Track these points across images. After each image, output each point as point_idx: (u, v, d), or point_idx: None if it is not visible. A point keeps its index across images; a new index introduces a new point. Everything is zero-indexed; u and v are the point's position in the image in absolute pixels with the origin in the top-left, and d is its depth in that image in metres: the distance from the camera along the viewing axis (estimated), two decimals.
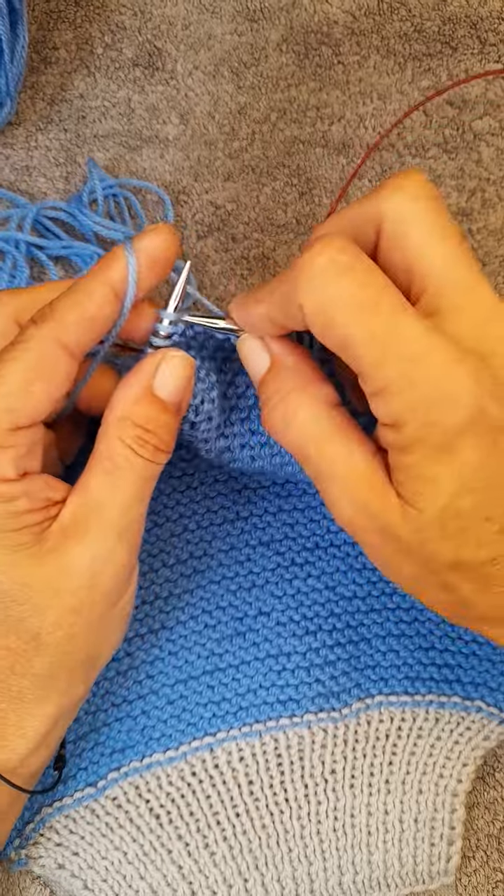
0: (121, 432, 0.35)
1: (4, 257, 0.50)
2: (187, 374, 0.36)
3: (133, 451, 0.35)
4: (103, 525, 0.35)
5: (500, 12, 0.56)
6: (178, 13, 0.55)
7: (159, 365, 0.36)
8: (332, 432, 0.34)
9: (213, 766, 0.43)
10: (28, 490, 0.34)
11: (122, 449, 0.35)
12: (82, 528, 0.35)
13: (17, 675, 0.35)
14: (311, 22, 0.55)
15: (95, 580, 0.35)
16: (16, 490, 0.34)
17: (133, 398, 0.35)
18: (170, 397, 0.36)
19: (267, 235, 0.53)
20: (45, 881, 0.44)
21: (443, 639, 0.45)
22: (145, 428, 0.35)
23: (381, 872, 0.43)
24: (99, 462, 0.35)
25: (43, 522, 0.35)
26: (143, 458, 0.35)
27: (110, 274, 0.34)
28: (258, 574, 0.45)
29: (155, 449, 0.36)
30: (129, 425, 0.35)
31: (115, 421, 0.35)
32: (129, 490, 0.35)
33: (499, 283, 0.52)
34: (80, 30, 0.54)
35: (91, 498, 0.35)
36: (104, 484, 0.35)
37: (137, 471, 0.35)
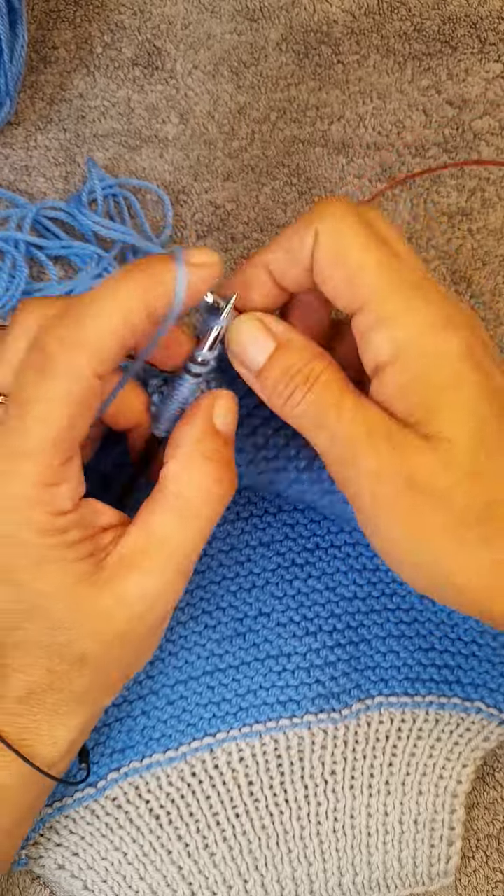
0: (195, 468, 0.35)
1: (4, 257, 0.50)
2: (236, 410, 0.36)
3: (207, 489, 0.35)
4: (167, 561, 0.35)
5: (500, 12, 0.56)
6: (178, 12, 0.55)
7: (215, 403, 0.36)
8: (352, 393, 0.34)
9: (213, 767, 0.43)
10: (80, 519, 0.34)
11: (194, 487, 0.35)
12: (143, 562, 0.35)
13: (55, 692, 0.35)
14: (310, 21, 0.55)
15: (149, 612, 0.35)
16: (70, 521, 0.34)
17: (201, 435, 0.35)
18: (228, 433, 0.36)
19: (267, 235, 0.52)
20: (45, 881, 0.44)
21: (443, 640, 0.45)
22: (220, 463, 0.35)
23: (380, 873, 0.43)
24: (166, 498, 0.35)
25: (96, 552, 0.34)
26: (219, 493, 0.35)
27: (152, 300, 0.32)
28: (258, 574, 0.45)
29: (229, 484, 0.36)
30: (204, 462, 0.35)
31: (187, 456, 0.35)
32: (199, 530, 0.35)
33: (499, 283, 0.52)
34: (79, 29, 0.54)
35: (155, 533, 0.35)
36: (173, 521, 0.35)
37: (210, 509, 0.35)
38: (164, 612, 0.36)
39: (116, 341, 0.32)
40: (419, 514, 0.33)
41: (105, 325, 0.32)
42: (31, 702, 0.35)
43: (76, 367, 0.32)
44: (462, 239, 0.53)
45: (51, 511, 0.33)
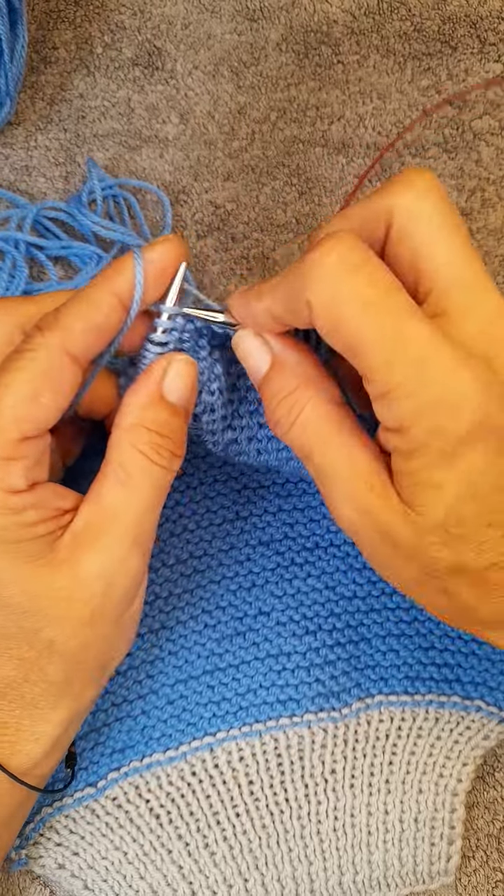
0: (134, 439, 0.35)
1: (4, 257, 0.50)
2: (193, 376, 0.36)
3: (148, 459, 0.35)
4: (118, 534, 0.35)
5: (499, 12, 0.56)
6: (178, 13, 0.55)
7: (167, 369, 0.35)
8: (335, 432, 0.34)
9: (213, 766, 0.43)
10: (38, 501, 0.34)
11: (136, 456, 0.35)
12: (96, 537, 0.34)
13: (31, 684, 0.35)
14: (310, 21, 0.55)
15: (109, 589, 0.35)
16: (26, 501, 0.33)
17: (143, 404, 0.35)
18: (179, 401, 0.36)
19: (266, 235, 0.52)
20: (45, 881, 0.44)
21: (442, 638, 0.45)
22: (160, 433, 0.35)
23: (381, 872, 0.43)
24: (112, 470, 0.35)
25: (55, 532, 0.34)
26: (159, 465, 0.35)
27: (118, 283, 0.34)
28: (258, 574, 0.45)
29: (171, 455, 0.35)
30: (143, 431, 0.35)
31: (127, 427, 0.35)
32: (144, 499, 0.35)
33: (499, 283, 0.52)
34: (79, 29, 0.54)
35: (104, 507, 0.35)
36: (118, 493, 0.35)
37: (153, 479, 0.35)
38: (128, 589, 0.36)
39: (83, 319, 0.33)
40: (391, 561, 0.34)
41: (74, 308, 0.34)
42: (9, 696, 0.35)
43: (44, 343, 0.33)
44: None
45: (4, 487, 0.33)
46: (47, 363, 0.33)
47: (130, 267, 0.34)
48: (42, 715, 0.36)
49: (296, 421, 0.34)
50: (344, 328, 0.31)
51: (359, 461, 0.33)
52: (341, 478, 0.33)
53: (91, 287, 0.34)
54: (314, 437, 0.34)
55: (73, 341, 0.33)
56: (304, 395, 0.34)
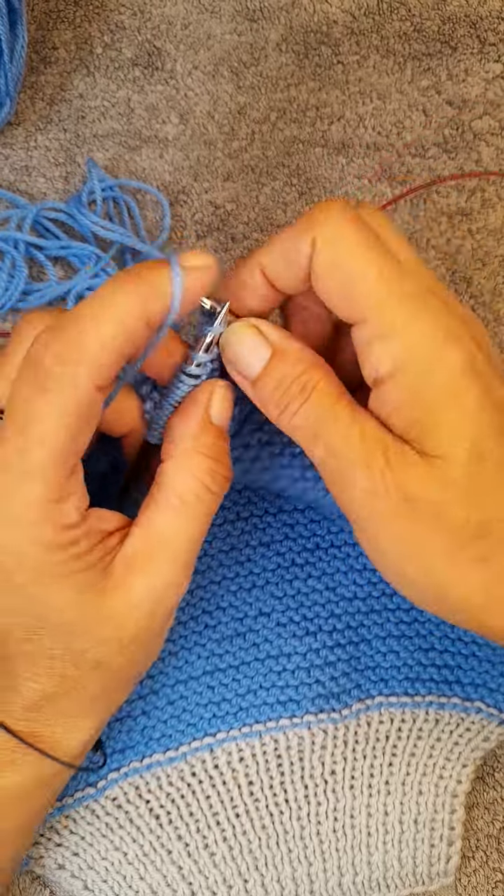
0: (193, 466, 0.35)
1: (3, 257, 0.50)
2: (232, 400, 0.36)
3: (205, 486, 0.35)
4: (170, 559, 0.35)
5: (499, 12, 0.56)
6: (178, 13, 0.55)
7: (212, 395, 0.35)
8: (346, 407, 0.34)
9: (213, 767, 0.43)
10: (88, 529, 0.34)
11: (194, 484, 0.35)
12: (147, 563, 0.35)
13: (70, 698, 0.36)
14: (310, 22, 0.55)
15: (157, 608, 0.35)
16: (78, 533, 0.33)
17: (196, 432, 0.35)
18: (223, 425, 0.36)
19: (267, 235, 0.53)
20: (45, 881, 0.44)
21: (443, 640, 0.45)
22: (215, 458, 0.35)
23: (380, 873, 0.43)
24: (165, 498, 0.35)
25: (104, 558, 0.34)
26: (213, 491, 0.35)
27: (149, 309, 0.32)
28: (258, 574, 0.45)
29: (224, 479, 0.35)
30: (201, 458, 0.35)
31: (183, 455, 0.35)
32: (198, 525, 0.35)
33: (499, 283, 0.52)
34: (79, 29, 0.54)
35: (157, 533, 0.35)
36: (172, 520, 0.35)
37: (206, 505, 0.35)
38: (171, 607, 0.36)
39: (115, 353, 0.31)
40: (414, 531, 0.33)
41: (103, 337, 0.31)
42: (45, 709, 0.35)
43: (75, 381, 0.31)
44: (462, 239, 0.53)
45: (58, 526, 0.33)
46: (80, 404, 0.32)
47: (165, 292, 0.32)
48: (75, 723, 0.36)
49: (309, 399, 0.34)
50: (346, 264, 0.32)
51: (371, 429, 0.33)
52: (355, 445, 0.33)
53: (121, 306, 0.32)
54: (328, 413, 0.33)
55: (103, 376, 0.32)
56: (315, 375, 0.34)
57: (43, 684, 0.35)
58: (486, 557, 0.33)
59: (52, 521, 0.32)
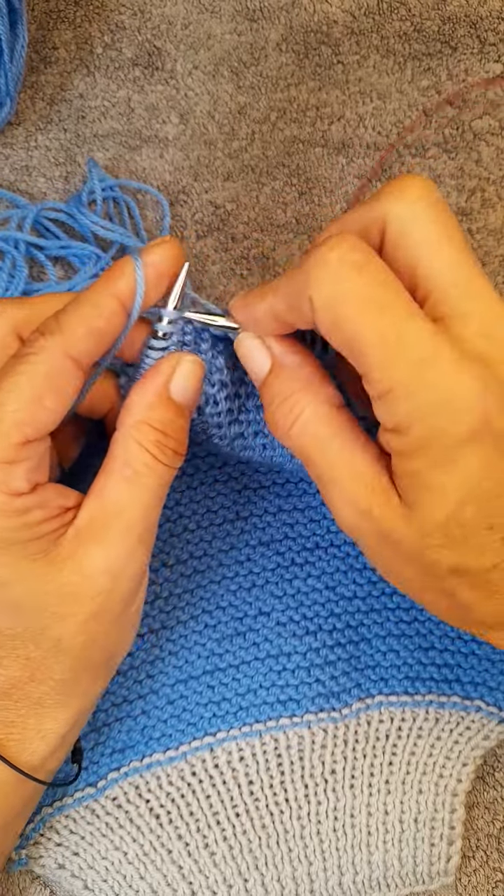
0: (140, 437, 0.35)
1: (3, 257, 0.50)
2: (200, 377, 0.36)
3: (153, 457, 0.35)
4: (123, 530, 0.35)
5: (499, 12, 0.56)
6: (178, 13, 0.55)
7: (175, 368, 0.36)
8: (335, 434, 0.34)
9: (213, 766, 0.43)
10: (41, 501, 0.34)
11: (141, 454, 0.35)
12: (100, 533, 0.35)
13: (37, 682, 0.35)
14: (310, 21, 0.55)
15: (115, 584, 0.35)
16: (30, 502, 0.34)
17: (150, 403, 0.35)
18: (185, 401, 0.36)
19: (266, 235, 0.52)
20: (45, 881, 0.44)
21: (442, 639, 0.45)
22: (164, 432, 0.35)
23: (380, 872, 0.43)
24: (117, 467, 0.35)
25: (58, 529, 0.34)
26: (163, 463, 0.35)
27: (119, 286, 0.34)
28: (258, 574, 0.45)
29: (174, 453, 0.36)
30: (149, 430, 0.35)
31: (133, 425, 0.35)
32: (148, 495, 0.35)
33: (499, 283, 0.52)
34: (79, 29, 0.54)
35: (109, 503, 0.35)
36: (123, 489, 0.35)
37: (157, 476, 0.35)
38: (133, 584, 0.36)
39: (85, 323, 0.33)
40: (393, 563, 0.34)
41: (75, 312, 0.34)
42: (15, 696, 0.35)
43: (46, 346, 0.33)
44: None
45: (6, 490, 0.33)
46: (49, 367, 0.33)
47: (131, 270, 0.34)
48: (48, 713, 0.36)
49: (295, 423, 0.34)
50: (344, 327, 0.31)
51: (359, 464, 0.33)
52: (342, 480, 0.33)
53: (92, 290, 0.34)
54: (313, 440, 0.34)
55: (75, 345, 0.33)
56: (303, 399, 0.34)
57: (8, 668, 0.35)
58: (452, 593, 0.33)
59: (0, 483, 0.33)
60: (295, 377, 0.35)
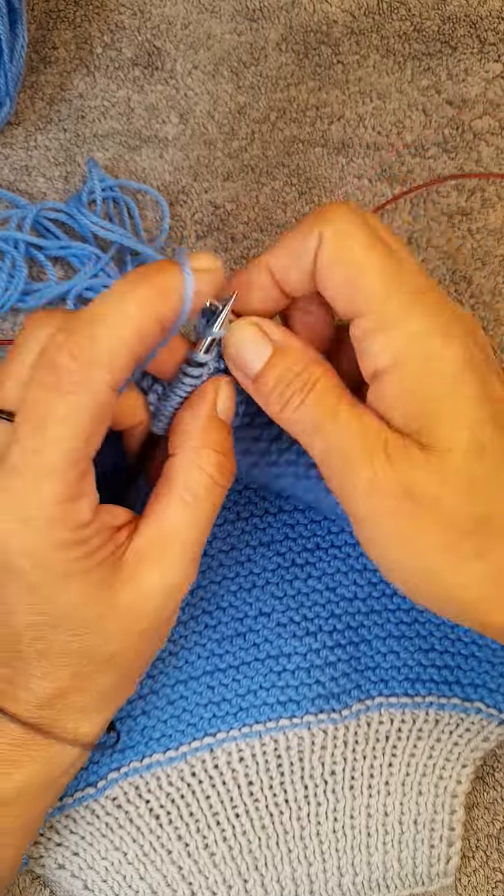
0: (202, 462, 0.35)
1: (3, 257, 0.50)
2: (234, 396, 0.37)
3: (213, 480, 0.35)
4: (180, 552, 0.35)
5: (499, 12, 0.56)
6: (178, 13, 0.55)
7: (218, 391, 0.36)
8: (346, 401, 0.34)
9: (213, 767, 0.43)
10: (99, 526, 0.34)
11: (203, 478, 0.35)
12: (159, 556, 0.35)
13: (81, 693, 0.36)
14: (310, 21, 0.55)
15: (166, 602, 0.36)
16: (91, 531, 0.34)
17: (205, 427, 0.36)
18: (229, 421, 0.37)
19: (267, 235, 0.52)
20: (45, 881, 0.44)
21: (443, 640, 0.45)
22: (222, 453, 0.36)
23: (380, 874, 0.43)
24: (176, 491, 0.35)
25: (115, 552, 0.35)
26: (221, 484, 0.36)
27: (162, 310, 0.32)
28: (258, 574, 0.45)
29: (230, 473, 0.36)
30: (210, 453, 0.35)
31: (194, 450, 0.35)
32: (205, 517, 0.36)
33: (498, 283, 0.52)
34: (79, 29, 0.54)
35: (167, 526, 0.35)
36: (181, 513, 0.35)
37: (213, 498, 0.36)
38: (179, 601, 0.37)
39: (130, 355, 0.32)
40: (413, 527, 0.33)
41: (118, 339, 0.32)
42: (58, 706, 0.36)
43: (92, 383, 0.31)
44: (462, 239, 0.53)
45: (72, 526, 0.33)
46: (96, 405, 0.32)
47: (178, 291, 0.33)
48: (87, 717, 0.37)
49: (310, 393, 0.34)
50: (351, 259, 0.33)
51: (371, 424, 0.33)
52: (355, 440, 0.33)
53: (135, 308, 0.32)
54: (328, 408, 0.34)
55: (117, 376, 0.32)
56: (316, 370, 0.34)
57: (56, 681, 0.35)
58: (483, 553, 0.33)
59: (66, 520, 0.33)
60: (303, 352, 0.35)
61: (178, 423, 0.36)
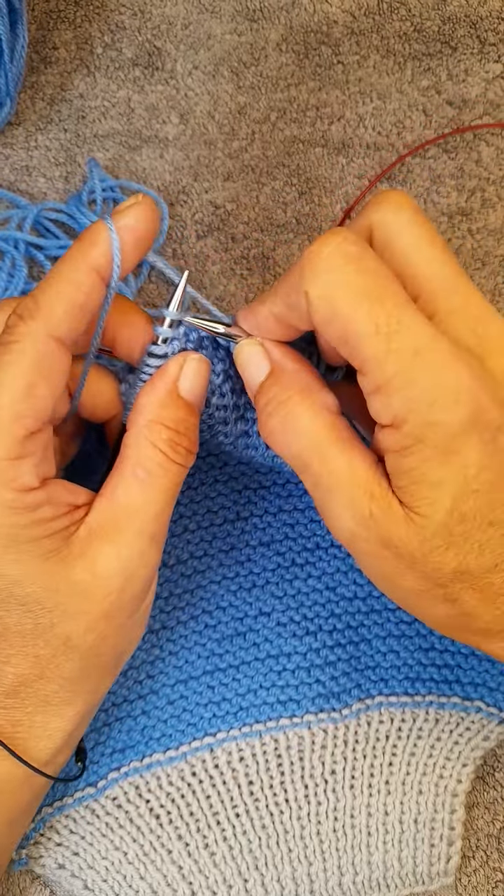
0: (153, 437, 0.35)
1: (3, 257, 0.50)
2: (206, 374, 0.36)
3: (167, 456, 0.35)
4: (136, 530, 0.35)
5: (499, 12, 0.56)
6: (178, 13, 0.55)
7: (182, 367, 0.36)
8: (333, 439, 0.33)
9: (214, 767, 0.43)
10: (50, 497, 0.34)
11: (154, 454, 0.35)
12: (112, 533, 0.35)
13: (46, 680, 0.35)
14: (310, 22, 0.55)
15: (127, 584, 0.35)
16: (39, 498, 0.33)
17: (160, 402, 0.35)
18: (194, 399, 0.36)
19: (267, 235, 0.52)
20: (46, 881, 0.44)
21: (442, 639, 0.45)
22: (177, 430, 0.35)
23: (380, 873, 0.43)
24: (129, 468, 0.35)
25: (69, 527, 0.34)
26: (176, 462, 0.35)
27: (94, 256, 0.33)
28: (258, 574, 0.45)
29: (187, 451, 0.36)
30: (161, 429, 0.35)
31: (146, 425, 0.35)
32: (161, 496, 0.35)
33: (499, 283, 0.52)
34: (79, 29, 0.54)
35: (121, 503, 0.35)
36: (136, 489, 0.35)
37: (169, 475, 0.35)
38: (144, 583, 0.36)
39: (67, 304, 0.33)
40: (392, 570, 0.33)
41: (55, 293, 0.33)
42: (22, 694, 0.35)
43: (30, 333, 0.32)
44: (462, 239, 0.53)
45: (16, 487, 0.33)
46: (36, 353, 0.33)
47: (105, 236, 0.33)
48: (55, 710, 0.36)
49: (292, 428, 0.34)
50: (339, 318, 0.31)
51: (358, 468, 0.33)
52: (340, 486, 0.33)
53: (67, 263, 0.33)
54: (311, 445, 0.34)
55: (58, 325, 0.33)
56: (301, 404, 0.34)
57: (17, 666, 0.35)
58: (454, 599, 0.33)
59: (9, 481, 0.32)
60: (293, 381, 0.35)
61: (136, 398, 0.36)
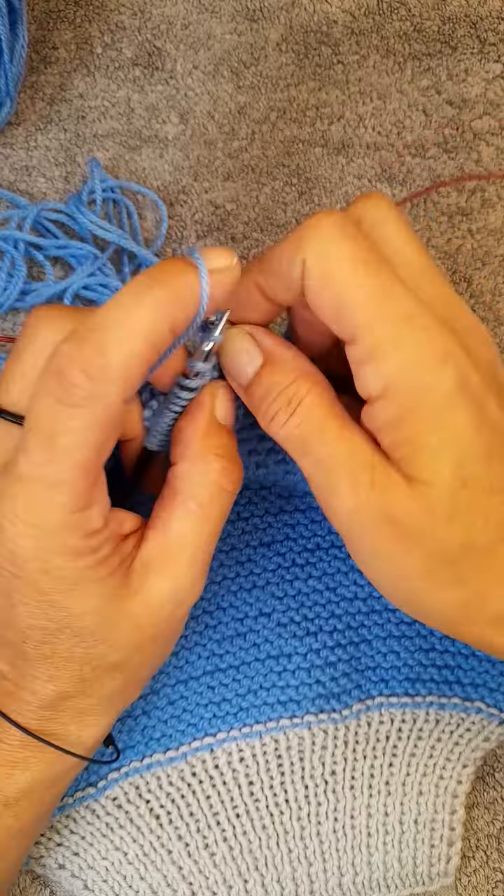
0: (205, 468, 0.35)
1: (3, 256, 0.50)
2: (234, 401, 0.36)
3: (219, 486, 0.35)
4: (187, 561, 0.35)
5: (500, 12, 0.56)
6: (178, 13, 0.55)
7: (215, 396, 0.36)
8: (335, 420, 0.34)
9: (214, 767, 0.43)
10: (109, 534, 0.34)
11: (208, 485, 0.35)
12: (167, 566, 0.35)
13: (86, 696, 0.36)
14: (310, 21, 0.55)
15: (176, 610, 0.36)
16: (102, 538, 0.34)
17: (205, 432, 0.35)
18: (229, 424, 0.36)
19: (267, 235, 0.52)
20: (46, 881, 0.44)
21: (443, 640, 0.45)
22: (226, 457, 0.35)
23: (380, 874, 0.43)
24: (180, 501, 0.35)
25: (124, 561, 0.35)
26: (227, 490, 0.35)
27: (176, 316, 0.31)
28: (259, 575, 0.45)
29: (237, 478, 0.36)
30: (213, 458, 0.35)
31: (195, 457, 0.35)
32: (213, 527, 0.35)
33: (499, 283, 0.52)
34: (79, 29, 0.54)
35: (174, 536, 0.35)
36: (188, 523, 0.35)
37: (220, 505, 0.35)
38: (189, 607, 0.36)
39: (142, 366, 0.31)
40: (396, 550, 0.33)
41: (130, 352, 0.30)
42: (60, 707, 0.36)
43: (105, 398, 0.31)
44: (462, 239, 0.53)
45: (83, 534, 0.33)
46: (107, 415, 0.31)
47: (193, 295, 0.31)
48: (91, 721, 0.37)
49: (296, 411, 0.34)
50: (335, 285, 0.32)
51: (358, 443, 0.33)
52: (342, 462, 0.33)
53: (149, 317, 0.30)
54: (315, 426, 0.34)
55: (130, 390, 0.31)
56: (303, 386, 0.34)
57: (60, 685, 0.35)
58: (461, 579, 0.33)
59: (77, 528, 0.32)
60: (292, 366, 0.35)
61: (177, 432, 0.36)
